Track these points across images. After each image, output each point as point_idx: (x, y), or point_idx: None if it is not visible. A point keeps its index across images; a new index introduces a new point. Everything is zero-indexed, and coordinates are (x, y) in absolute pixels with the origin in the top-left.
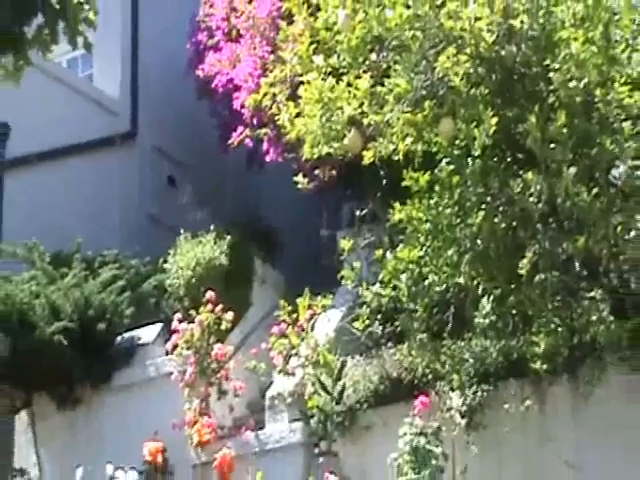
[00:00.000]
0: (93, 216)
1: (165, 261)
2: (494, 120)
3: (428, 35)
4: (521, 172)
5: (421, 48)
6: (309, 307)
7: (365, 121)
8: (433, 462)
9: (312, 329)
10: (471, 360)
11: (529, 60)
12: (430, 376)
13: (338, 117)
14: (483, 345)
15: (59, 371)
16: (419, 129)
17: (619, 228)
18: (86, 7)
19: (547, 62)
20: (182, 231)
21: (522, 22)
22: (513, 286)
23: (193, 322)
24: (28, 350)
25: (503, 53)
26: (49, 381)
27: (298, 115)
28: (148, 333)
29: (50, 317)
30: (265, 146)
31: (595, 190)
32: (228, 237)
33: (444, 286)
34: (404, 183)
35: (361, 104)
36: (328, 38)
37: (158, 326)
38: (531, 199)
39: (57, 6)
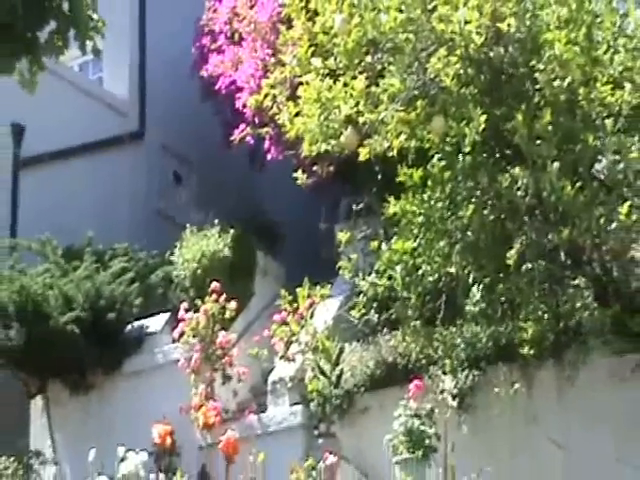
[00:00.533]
0: (103, 211)
1: (172, 254)
2: (483, 118)
3: (420, 38)
4: (509, 167)
5: (414, 50)
6: (308, 296)
7: (361, 120)
8: (426, 442)
9: (311, 317)
10: (462, 345)
11: (516, 61)
12: (423, 361)
13: (335, 116)
14: (473, 331)
15: (72, 358)
16: (412, 127)
17: (601, 220)
18: (95, 17)
19: (533, 63)
20: (188, 225)
21: (509, 25)
22: (502, 275)
23: (198, 311)
24: (42, 339)
25: (491, 54)
26: (62, 368)
27: (297, 114)
28: (156, 322)
29: (63, 307)
30: (266, 144)
31: (579, 184)
32: (231, 231)
33: (436, 275)
34: (398, 178)
35: (357, 103)
36: (326, 41)
37: (165, 315)
38: (518, 193)
39: (69, 13)
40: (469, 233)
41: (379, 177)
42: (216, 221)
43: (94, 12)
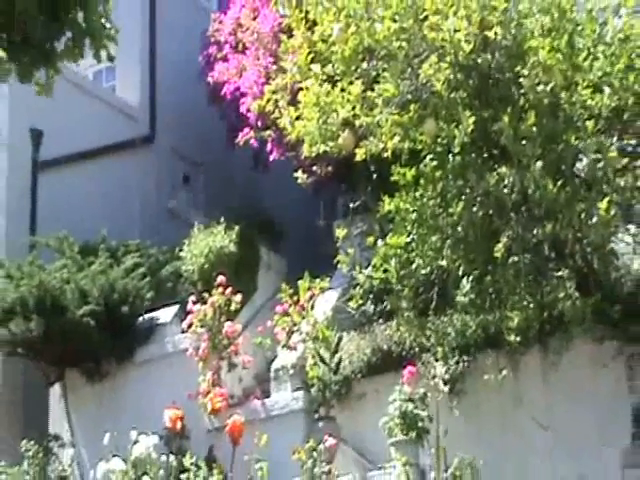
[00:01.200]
0: (117, 210)
1: (181, 250)
2: (472, 120)
3: (413, 45)
4: (496, 166)
5: (406, 57)
6: (309, 289)
7: (357, 122)
8: (419, 424)
9: (312, 308)
10: (453, 334)
11: (502, 67)
12: (417, 348)
13: (333, 119)
14: (463, 320)
15: (88, 349)
16: (405, 129)
17: (582, 215)
18: (108, 25)
19: (518, 68)
20: (196, 223)
21: (496, 33)
22: (490, 268)
23: (206, 303)
24: (60, 330)
25: (479, 61)
26: (79, 357)
27: (298, 118)
28: (166, 314)
29: (79, 301)
30: (269, 146)
31: (561, 181)
32: (236, 228)
33: (429, 269)
34: (392, 177)
35: (354, 107)
36: (324, 49)
37: (175, 307)
38: (505, 190)
39: (83, 24)
40: (459, 228)
41: (374, 176)
42: (222, 219)
43: (107, 21)
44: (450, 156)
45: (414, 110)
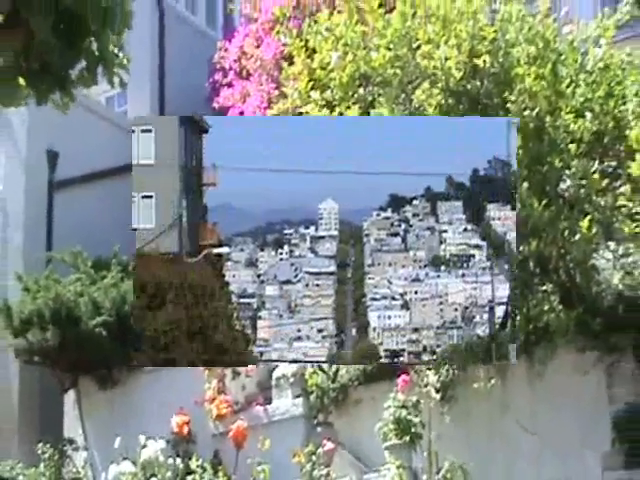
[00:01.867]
0: (127, 227)
1: None
2: None
3: (406, 72)
4: None
5: (400, 83)
6: None
7: None
8: (413, 430)
9: None
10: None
11: (491, 93)
12: None
13: None
14: None
15: (100, 357)
16: None
17: (566, 233)
18: (120, 55)
19: (505, 94)
20: None
21: (485, 61)
22: None
23: None
24: (74, 340)
25: (469, 87)
26: (92, 365)
27: None
28: None
29: (92, 312)
30: None
31: (546, 201)
32: None
33: None
34: None
35: None
36: (323, 76)
37: None
38: None
39: (97, 53)
40: None
41: None
42: None
43: (120, 50)
44: None
45: None
